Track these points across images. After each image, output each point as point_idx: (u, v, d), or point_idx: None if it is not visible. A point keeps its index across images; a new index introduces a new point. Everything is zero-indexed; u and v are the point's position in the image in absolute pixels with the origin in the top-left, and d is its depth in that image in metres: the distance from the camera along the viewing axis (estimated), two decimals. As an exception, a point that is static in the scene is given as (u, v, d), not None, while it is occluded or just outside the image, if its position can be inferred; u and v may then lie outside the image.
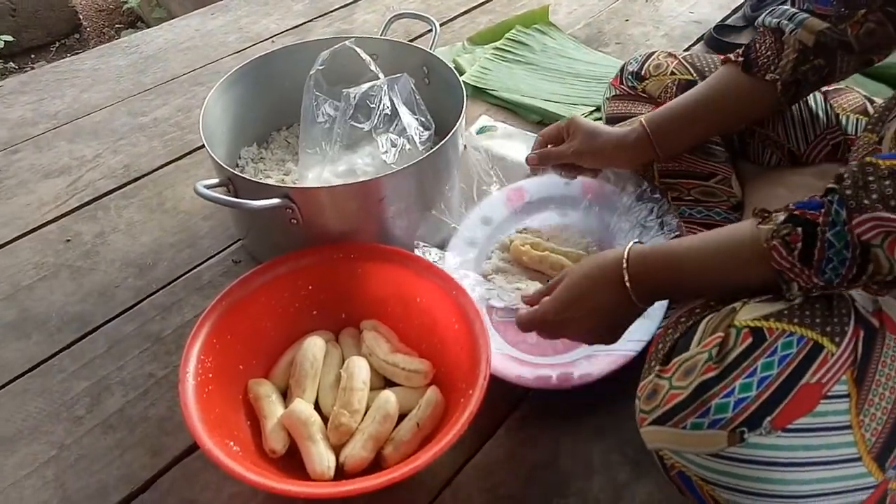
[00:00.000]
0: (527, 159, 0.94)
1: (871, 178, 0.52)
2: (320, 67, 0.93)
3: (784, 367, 0.58)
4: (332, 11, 1.63)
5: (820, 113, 0.91)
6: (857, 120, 0.91)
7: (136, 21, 3.13)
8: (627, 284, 0.65)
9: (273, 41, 1.52)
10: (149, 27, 3.02)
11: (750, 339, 0.60)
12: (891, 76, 1.21)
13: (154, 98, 1.34)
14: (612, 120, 1.01)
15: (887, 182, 0.51)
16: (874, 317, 0.61)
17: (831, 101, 0.93)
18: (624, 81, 1.01)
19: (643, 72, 0.98)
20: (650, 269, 0.65)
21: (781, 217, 0.56)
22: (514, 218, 1.02)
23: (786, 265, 0.57)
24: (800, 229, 0.55)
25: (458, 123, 0.88)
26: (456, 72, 0.97)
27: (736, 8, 1.53)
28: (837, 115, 0.91)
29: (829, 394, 0.57)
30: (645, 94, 0.99)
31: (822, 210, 0.54)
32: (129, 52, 1.50)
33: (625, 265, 0.65)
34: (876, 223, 0.52)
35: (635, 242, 0.66)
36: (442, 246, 0.96)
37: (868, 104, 0.92)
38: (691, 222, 0.90)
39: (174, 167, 1.16)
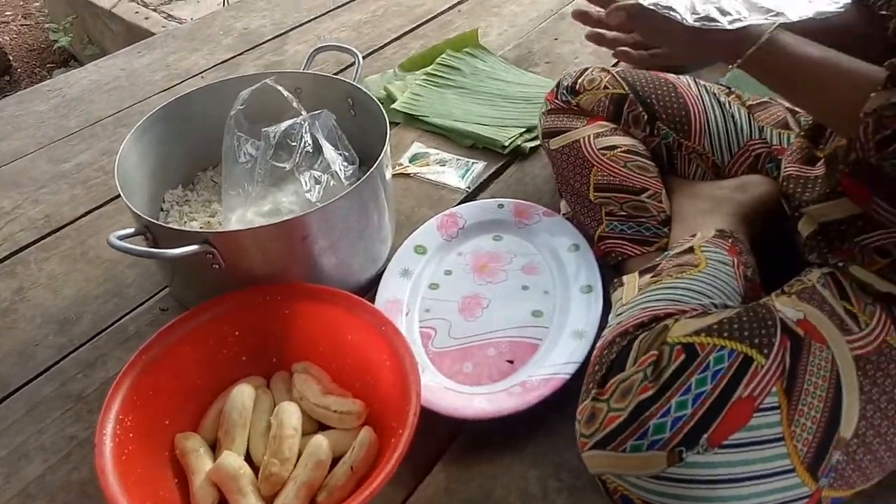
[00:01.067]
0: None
1: None
2: (241, 107, 0.92)
3: (717, 382, 0.59)
4: (262, 44, 1.61)
5: (744, 125, 0.94)
6: (780, 134, 0.93)
7: (68, 60, 3.07)
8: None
9: (202, 77, 1.50)
10: (82, 65, 2.97)
11: (683, 356, 0.60)
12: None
13: (77, 143, 1.30)
14: (547, 135, 1.02)
15: None
16: (799, 326, 0.62)
17: (755, 115, 0.95)
18: (559, 96, 1.02)
19: (577, 86, 0.99)
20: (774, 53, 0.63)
21: None
22: (448, 245, 1.01)
23: (861, 137, 0.56)
24: None
25: (381, 155, 0.88)
26: (379, 102, 0.96)
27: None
28: (761, 129, 0.94)
29: (761, 406, 0.58)
30: (578, 108, 1.00)
31: None
32: (52, 95, 1.46)
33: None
34: None
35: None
36: (376, 280, 0.95)
37: (790, 117, 0.95)
38: (622, 238, 0.91)
39: (98, 214, 1.12)
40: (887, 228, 0.65)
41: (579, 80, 0.99)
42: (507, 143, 1.21)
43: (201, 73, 1.50)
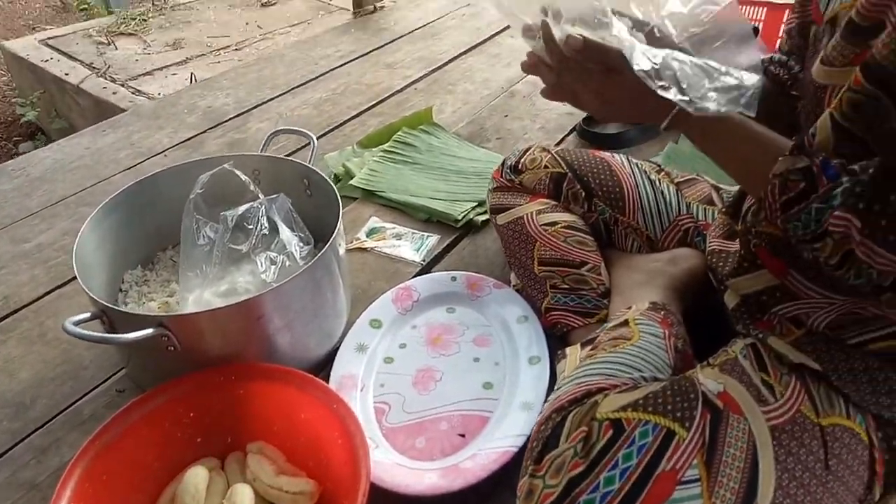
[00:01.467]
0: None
1: (889, 198, 0.53)
2: (200, 191, 0.96)
3: (642, 456, 0.62)
4: (225, 122, 1.67)
5: (673, 201, 1.00)
6: (705, 209, 1.00)
7: (35, 133, 3.08)
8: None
9: (166, 154, 1.54)
10: (49, 139, 2.99)
11: (611, 432, 0.63)
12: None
13: (39, 222, 1.32)
14: (495, 211, 1.07)
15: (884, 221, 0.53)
16: (719, 399, 0.66)
17: (682, 192, 1.02)
18: (503, 175, 1.08)
19: (520, 165, 1.06)
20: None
21: (802, 163, 0.58)
22: (403, 319, 1.05)
23: (769, 198, 0.60)
24: (803, 184, 0.58)
25: (333, 235, 0.92)
26: (332, 184, 1.01)
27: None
28: (688, 204, 1.00)
29: (683, 479, 0.61)
30: (522, 185, 1.05)
31: (830, 185, 0.56)
32: (16, 175, 1.48)
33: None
34: (846, 224, 0.55)
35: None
36: (332, 355, 0.97)
37: (714, 193, 1.02)
38: (567, 310, 0.96)
39: (57, 294, 1.14)
40: (802, 299, 0.70)
41: (521, 160, 1.06)
42: (459, 217, 1.26)
43: (164, 151, 1.55)
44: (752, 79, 0.64)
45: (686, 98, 0.64)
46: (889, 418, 0.66)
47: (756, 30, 1.47)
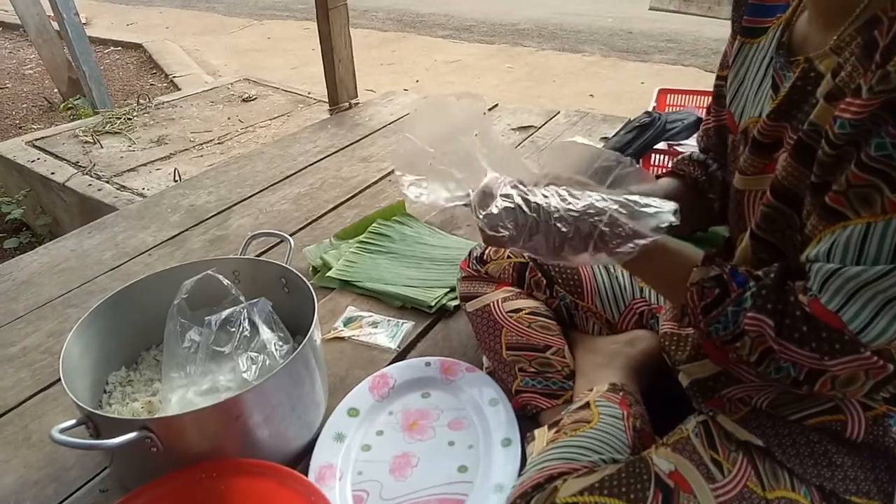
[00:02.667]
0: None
1: (790, 300, 0.61)
2: (184, 296, 1.01)
3: (600, 537, 0.66)
4: (207, 219, 1.74)
5: (627, 286, 1.07)
6: (658, 293, 1.07)
7: (20, 229, 3.14)
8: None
9: (150, 254, 1.60)
10: (34, 234, 3.05)
11: None
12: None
13: (24, 326, 1.36)
14: (464, 299, 1.13)
15: (798, 313, 0.60)
16: (670, 478, 0.71)
17: (635, 276, 1.09)
18: (470, 265, 1.15)
19: (485, 256, 1.13)
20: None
21: (714, 272, 0.67)
22: (380, 406, 1.09)
23: (690, 305, 0.68)
24: (717, 290, 0.66)
25: (309, 331, 0.97)
26: (307, 282, 1.06)
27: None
28: (642, 289, 1.07)
29: (636, 560, 0.65)
30: (487, 275, 1.12)
31: (740, 290, 0.64)
32: (2, 280, 1.53)
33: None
34: (759, 324, 0.62)
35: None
36: (311, 446, 1.00)
37: None
38: (535, 392, 1.01)
39: (42, 397, 1.17)
40: (745, 383, 0.77)
41: (486, 251, 1.13)
42: (433, 304, 1.32)
43: (148, 250, 1.61)
44: (668, 206, 0.71)
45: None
46: (831, 489, 0.70)
47: (700, 119, 1.60)
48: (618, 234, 0.68)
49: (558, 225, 0.69)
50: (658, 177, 1.00)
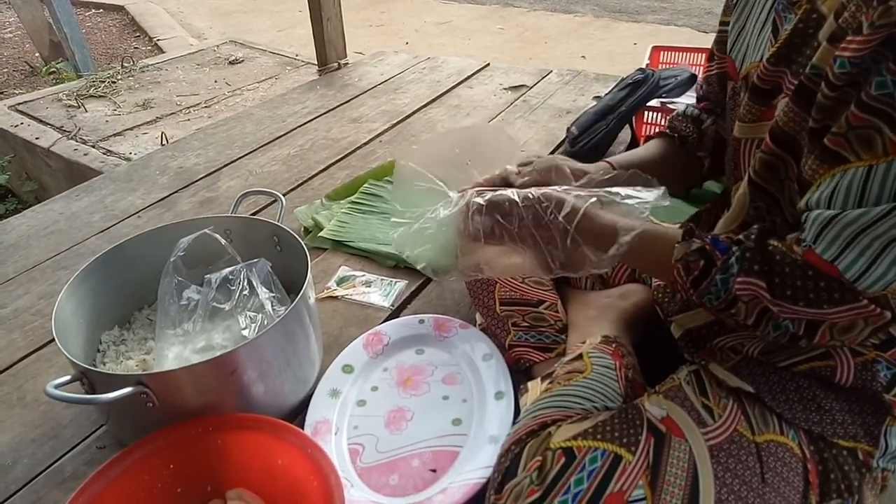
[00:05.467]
0: None
1: (775, 258, 0.62)
2: (181, 254, 1.00)
3: (592, 480, 0.67)
4: (196, 181, 1.72)
5: (619, 240, 1.07)
6: None
7: (6, 196, 3.10)
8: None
9: (139, 216, 1.58)
10: (20, 200, 3.01)
11: (563, 459, 0.69)
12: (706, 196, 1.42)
13: (15, 288, 1.35)
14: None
15: (787, 270, 0.61)
16: (662, 423, 0.72)
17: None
18: None
19: None
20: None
21: (696, 245, 0.67)
22: (374, 362, 1.10)
23: (679, 281, 0.68)
24: (702, 262, 0.66)
25: (303, 287, 0.97)
26: (300, 239, 1.06)
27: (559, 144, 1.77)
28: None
29: (630, 500, 0.66)
30: None
31: (724, 257, 0.65)
32: (-10, 243, 1.52)
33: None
34: (750, 287, 0.63)
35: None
36: (307, 401, 1.01)
37: None
38: (528, 346, 1.01)
39: (35, 357, 1.16)
40: (736, 331, 0.77)
41: None
42: (426, 263, 1.32)
43: (138, 212, 1.59)
44: (652, 194, 0.71)
45: None
46: (819, 433, 0.72)
47: (694, 76, 1.58)
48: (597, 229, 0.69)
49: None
50: (647, 138, 1.00)
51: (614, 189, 0.72)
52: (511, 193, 0.72)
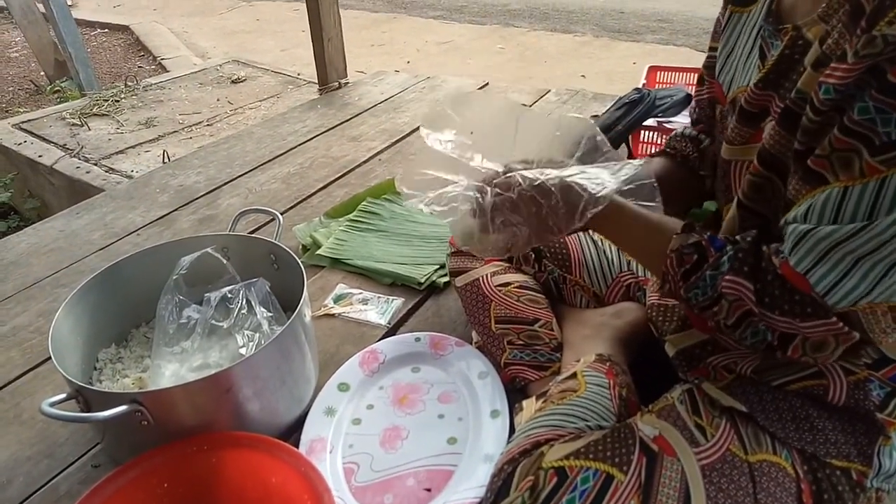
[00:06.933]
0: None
1: (761, 264, 0.63)
2: (182, 272, 1.01)
3: (584, 499, 0.67)
4: (196, 199, 1.73)
5: (614, 259, 1.08)
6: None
7: (8, 213, 3.12)
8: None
9: (139, 234, 1.59)
10: (22, 218, 3.03)
11: (555, 479, 0.69)
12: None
13: (14, 306, 1.36)
14: (453, 274, 1.14)
15: (769, 277, 0.62)
16: (655, 443, 0.72)
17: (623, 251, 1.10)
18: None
19: None
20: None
21: (693, 239, 0.68)
22: (370, 380, 1.10)
23: (670, 272, 0.69)
24: (696, 256, 0.67)
25: (299, 305, 0.97)
26: (297, 258, 1.07)
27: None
28: (629, 262, 1.08)
29: (622, 520, 0.66)
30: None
31: (717, 254, 0.66)
32: (-10, 261, 1.52)
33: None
34: (737, 287, 0.63)
35: None
36: (301, 421, 1.01)
37: None
38: (523, 364, 1.02)
39: (33, 375, 1.17)
40: (730, 350, 0.78)
41: None
42: (422, 280, 1.33)
43: (137, 230, 1.60)
44: (634, 163, 0.73)
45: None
46: (812, 452, 0.72)
47: (689, 96, 1.60)
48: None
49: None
50: (651, 156, 1.01)
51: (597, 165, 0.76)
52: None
